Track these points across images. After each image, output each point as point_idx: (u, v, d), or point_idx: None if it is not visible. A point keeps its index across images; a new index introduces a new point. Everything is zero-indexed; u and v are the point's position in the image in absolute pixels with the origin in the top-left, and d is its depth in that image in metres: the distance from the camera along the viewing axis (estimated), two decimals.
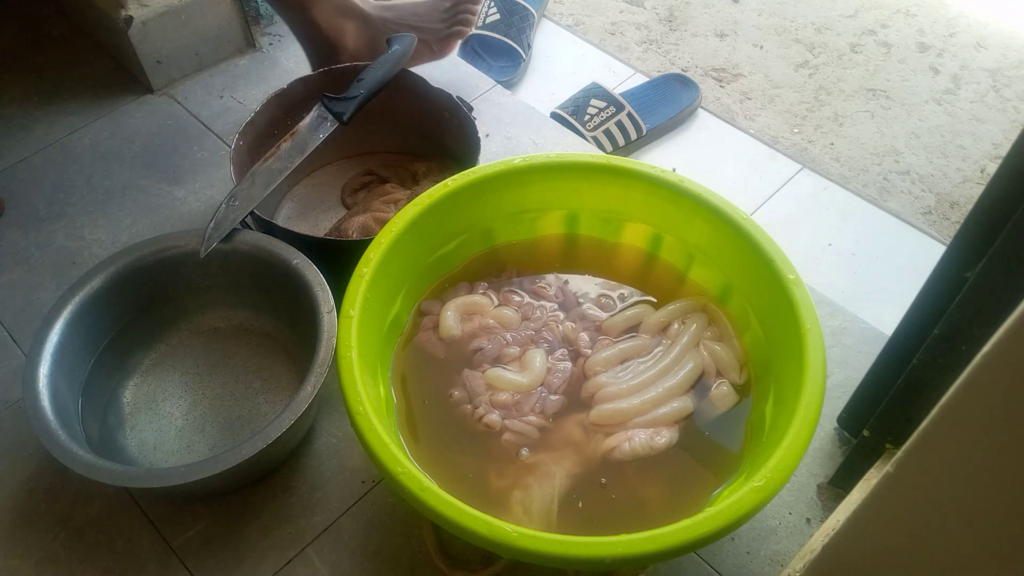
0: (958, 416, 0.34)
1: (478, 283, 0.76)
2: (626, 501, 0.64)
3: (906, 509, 0.40)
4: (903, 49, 1.34)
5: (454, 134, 0.91)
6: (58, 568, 0.69)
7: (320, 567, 0.69)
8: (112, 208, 0.96)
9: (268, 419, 0.75)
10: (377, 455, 0.56)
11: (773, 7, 1.41)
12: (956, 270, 0.58)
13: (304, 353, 0.75)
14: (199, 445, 0.75)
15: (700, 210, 0.72)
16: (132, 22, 1.02)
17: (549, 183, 0.76)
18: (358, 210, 0.90)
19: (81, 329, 0.73)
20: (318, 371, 0.68)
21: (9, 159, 1.01)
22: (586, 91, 1.16)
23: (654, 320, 0.73)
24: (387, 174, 0.97)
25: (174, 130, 1.04)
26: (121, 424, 0.76)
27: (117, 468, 0.64)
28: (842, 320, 0.86)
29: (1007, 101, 1.26)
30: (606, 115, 1.13)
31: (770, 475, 0.55)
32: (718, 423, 0.68)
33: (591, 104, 1.14)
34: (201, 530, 0.71)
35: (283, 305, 0.78)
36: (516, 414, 0.68)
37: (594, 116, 1.13)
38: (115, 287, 0.76)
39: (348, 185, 0.96)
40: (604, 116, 1.13)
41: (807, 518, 0.73)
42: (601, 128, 1.13)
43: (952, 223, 1.09)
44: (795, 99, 1.25)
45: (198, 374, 0.80)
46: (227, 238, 0.77)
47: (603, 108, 1.13)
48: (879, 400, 0.68)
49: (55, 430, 0.65)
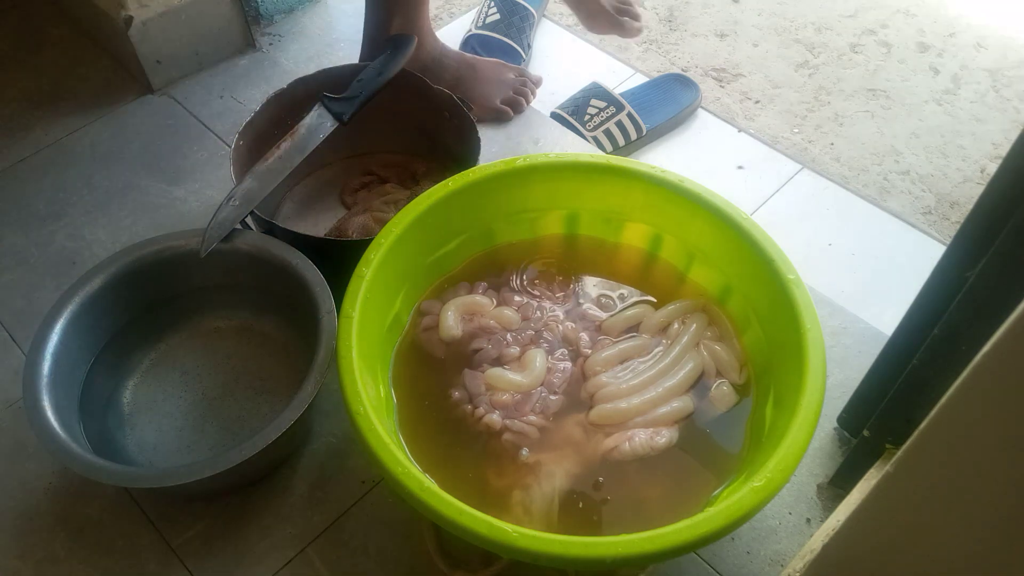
0: (958, 416, 0.34)
1: (478, 283, 0.76)
2: (626, 501, 0.64)
3: (906, 509, 0.40)
4: (903, 49, 1.34)
5: (454, 134, 0.91)
6: (58, 568, 0.69)
7: (320, 567, 0.69)
8: (112, 208, 0.96)
9: (268, 419, 0.75)
10: (377, 455, 0.56)
11: (773, 7, 1.41)
12: (956, 270, 0.57)
13: (304, 353, 0.75)
14: (199, 445, 0.75)
15: (700, 210, 0.72)
16: (132, 22, 1.02)
17: (549, 183, 0.76)
18: (358, 210, 0.90)
19: (81, 329, 0.73)
20: (318, 371, 0.68)
21: (9, 159, 1.01)
22: (586, 91, 1.16)
23: (654, 320, 0.73)
24: (387, 174, 0.97)
25: (174, 130, 1.04)
26: (121, 424, 0.76)
27: (117, 468, 0.64)
28: (842, 320, 0.86)
29: (1007, 101, 1.26)
30: (606, 115, 1.13)
31: (770, 475, 0.55)
32: (718, 423, 0.68)
33: (591, 104, 1.14)
34: (201, 530, 0.71)
35: (283, 305, 0.78)
36: (516, 414, 0.68)
37: (594, 116, 1.13)
38: (115, 287, 0.76)
39: (348, 185, 0.96)
40: (604, 116, 1.13)
41: (807, 518, 0.73)
42: (601, 128, 1.13)
43: (952, 223, 1.09)
44: (795, 99, 1.25)
45: (198, 374, 0.80)
46: (227, 238, 0.77)
47: (603, 108, 1.13)
48: (879, 400, 0.68)
49: (55, 430, 0.65)
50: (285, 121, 0.89)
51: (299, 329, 0.78)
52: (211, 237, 0.76)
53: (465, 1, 1.40)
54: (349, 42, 1.16)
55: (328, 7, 1.20)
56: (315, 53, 1.14)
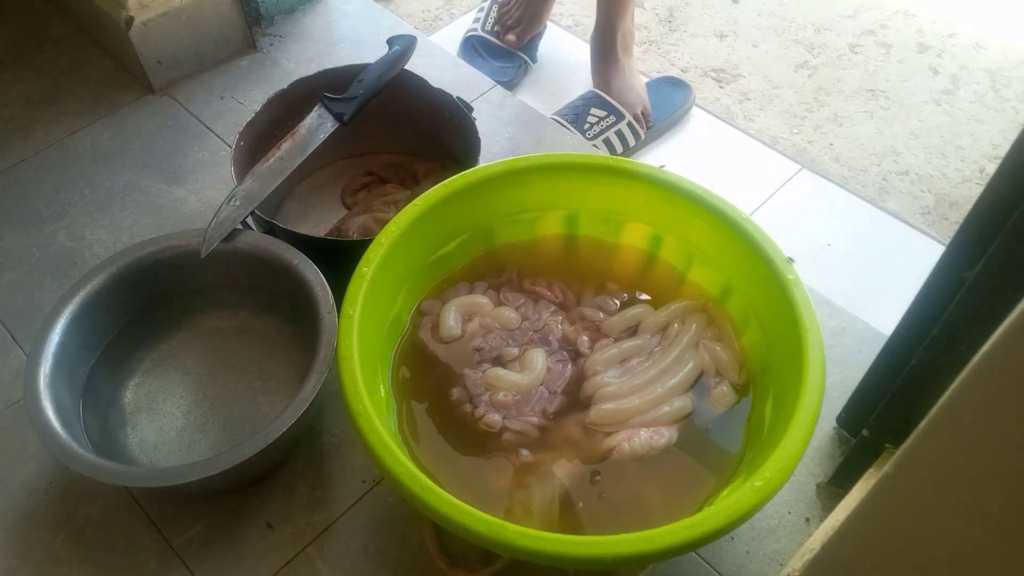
0: (957, 416, 0.34)
1: (478, 283, 0.76)
2: (626, 501, 0.64)
3: (905, 509, 0.40)
4: (902, 49, 1.34)
5: (454, 134, 0.91)
6: (58, 568, 0.69)
7: (320, 567, 0.69)
8: (113, 208, 0.96)
9: (269, 419, 0.75)
10: (377, 455, 0.56)
11: (773, 7, 1.41)
12: (955, 270, 0.58)
13: (304, 353, 0.75)
14: (200, 444, 0.75)
15: (700, 210, 0.72)
16: (133, 23, 1.02)
17: (549, 183, 0.76)
18: (359, 210, 0.90)
19: (83, 329, 0.73)
20: (318, 371, 0.68)
21: (10, 159, 1.01)
22: (585, 100, 1.16)
23: (654, 320, 0.73)
24: (387, 174, 0.97)
25: (175, 130, 1.04)
26: (122, 424, 0.76)
27: (118, 467, 0.64)
28: (841, 320, 0.86)
29: (1006, 101, 1.26)
30: (606, 124, 1.13)
31: (769, 475, 0.55)
32: (718, 423, 0.68)
33: (591, 113, 1.14)
34: (201, 530, 0.71)
35: (284, 305, 0.78)
36: (516, 414, 0.68)
37: (594, 125, 1.13)
38: (116, 287, 0.76)
39: (349, 185, 0.96)
40: (604, 125, 1.13)
41: (806, 518, 0.73)
42: (601, 137, 1.13)
43: (951, 223, 1.09)
44: (795, 99, 1.25)
45: (199, 374, 0.80)
46: (228, 238, 0.77)
47: (603, 117, 1.14)
48: (878, 400, 0.68)
49: (56, 430, 0.65)
50: (285, 122, 0.89)
51: (299, 329, 0.78)
52: (212, 237, 0.76)
53: (465, 1, 1.40)
54: (349, 42, 1.16)
55: (329, 8, 1.21)
56: (315, 54, 1.14)
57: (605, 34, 1.15)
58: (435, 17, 1.38)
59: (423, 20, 1.38)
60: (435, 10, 1.39)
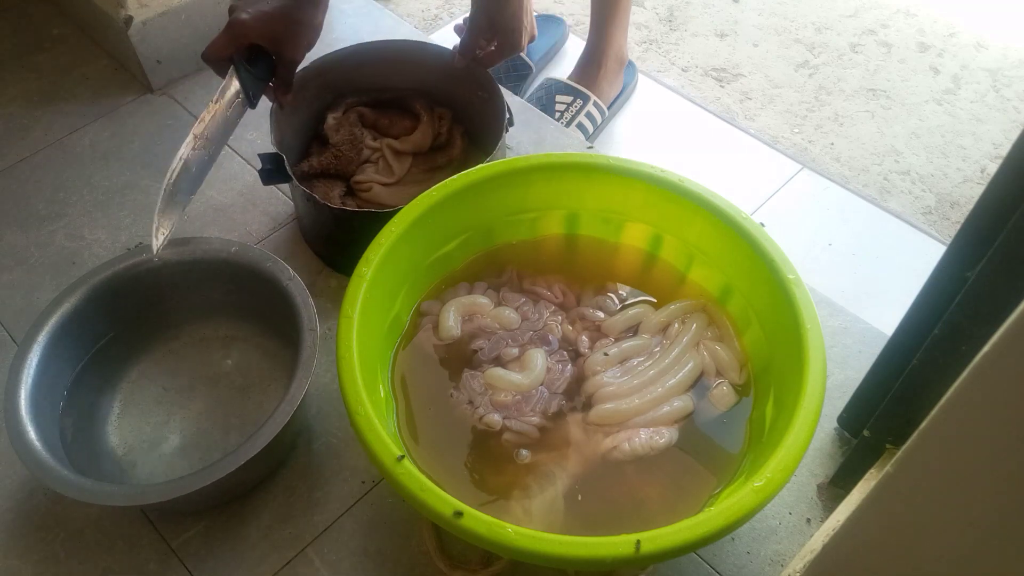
0: (958, 416, 0.34)
1: (478, 283, 0.76)
2: (626, 501, 0.64)
3: (906, 509, 0.40)
4: (903, 49, 1.34)
5: (481, 114, 0.93)
6: (58, 568, 0.69)
7: (320, 567, 0.69)
8: (112, 208, 0.96)
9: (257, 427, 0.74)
10: (377, 455, 0.56)
11: (773, 7, 1.41)
12: (956, 270, 0.57)
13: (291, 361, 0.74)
14: (192, 454, 0.75)
15: (700, 210, 0.72)
16: (132, 22, 1.02)
17: (549, 183, 0.76)
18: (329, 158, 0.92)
19: (65, 342, 0.72)
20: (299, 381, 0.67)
21: (9, 159, 1.01)
22: (546, 87, 1.17)
23: (654, 320, 0.73)
24: (380, 120, 0.97)
25: (174, 130, 1.04)
26: (109, 436, 0.75)
27: (96, 485, 0.63)
28: (842, 320, 0.86)
29: (1007, 101, 1.26)
30: (575, 108, 1.14)
31: (770, 475, 0.55)
32: (718, 423, 0.68)
33: (557, 100, 1.15)
34: (201, 530, 0.71)
35: (271, 315, 0.77)
36: (516, 414, 0.68)
37: (564, 112, 1.14)
38: (98, 299, 0.74)
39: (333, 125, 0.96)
40: (574, 110, 1.14)
41: (807, 518, 0.73)
42: (574, 122, 1.14)
43: (952, 223, 1.09)
44: (795, 99, 1.25)
45: (188, 385, 0.79)
46: (210, 249, 0.76)
47: (570, 103, 1.15)
48: (879, 400, 0.68)
49: (44, 457, 0.64)
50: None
51: (288, 339, 0.77)
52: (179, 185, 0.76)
53: (465, 1, 1.40)
54: (349, 42, 1.15)
55: (328, 7, 1.20)
56: (314, 53, 1.13)
57: (595, 53, 1.16)
58: (435, 17, 1.38)
59: (423, 20, 1.37)
60: (435, 9, 1.39)
